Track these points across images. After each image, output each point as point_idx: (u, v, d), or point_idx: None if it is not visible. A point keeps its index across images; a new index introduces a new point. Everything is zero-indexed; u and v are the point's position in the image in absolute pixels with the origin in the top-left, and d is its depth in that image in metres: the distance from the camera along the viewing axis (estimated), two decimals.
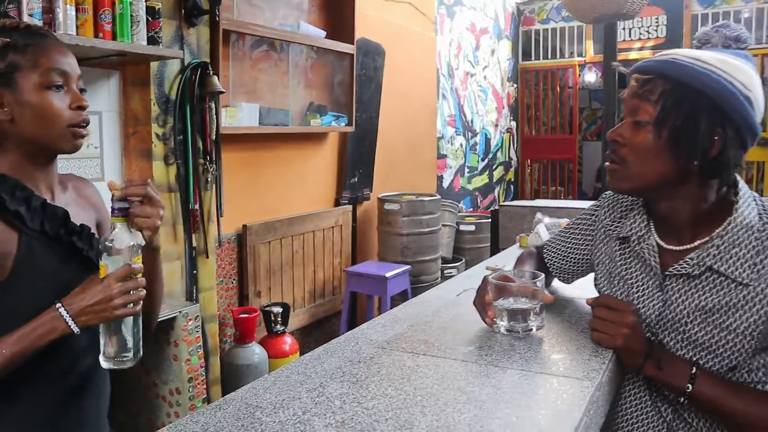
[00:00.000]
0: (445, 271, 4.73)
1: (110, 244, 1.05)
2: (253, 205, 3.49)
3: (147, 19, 2.36)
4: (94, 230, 1.22)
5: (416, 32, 5.22)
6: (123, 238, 1.06)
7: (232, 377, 3.03)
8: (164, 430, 1.04)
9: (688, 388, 1.06)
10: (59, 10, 2.07)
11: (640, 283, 1.17)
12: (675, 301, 1.11)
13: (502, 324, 1.19)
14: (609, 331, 1.10)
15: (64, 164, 2.50)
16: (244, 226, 3.37)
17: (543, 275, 1.22)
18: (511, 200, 7.54)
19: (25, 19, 1.97)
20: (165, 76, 2.69)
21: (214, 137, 2.90)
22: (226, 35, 3.09)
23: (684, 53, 1.05)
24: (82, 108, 1.11)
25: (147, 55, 2.40)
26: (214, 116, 2.89)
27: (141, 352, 1.13)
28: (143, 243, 1.10)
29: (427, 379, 0.97)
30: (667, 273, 1.12)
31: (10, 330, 1.01)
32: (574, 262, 1.38)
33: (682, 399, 1.10)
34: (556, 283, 1.53)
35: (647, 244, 1.16)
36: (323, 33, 3.81)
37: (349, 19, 3.99)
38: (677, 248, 1.12)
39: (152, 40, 2.40)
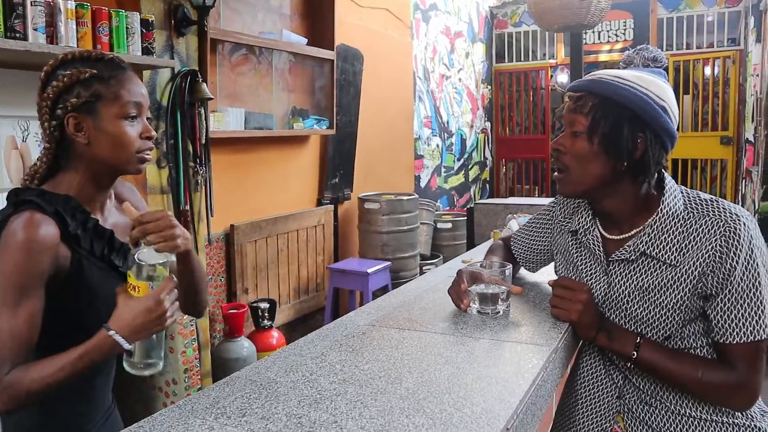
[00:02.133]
0: (423, 267, 4.93)
1: (145, 263, 1.14)
2: (240, 205, 3.64)
3: (141, 31, 2.50)
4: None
5: (393, 37, 5.40)
6: (153, 255, 1.15)
7: (222, 370, 3.18)
8: (185, 399, 1.20)
9: (633, 354, 1.25)
10: (61, 24, 2.21)
11: (589, 269, 1.36)
12: (617, 282, 1.30)
13: (474, 306, 1.38)
14: (565, 306, 1.29)
15: None
16: (232, 225, 3.52)
17: (511, 266, 1.41)
18: (487, 198, 7.77)
19: (30, 32, 2.12)
20: (157, 84, 2.83)
21: (203, 141, 3.05)
22: (213, 44, 3.24)
23: (608, 73, 1.25)
24: (150, 138, 1.24)
25: (141, 64, 2.55)
26: (204, 121, 3.04)
27: (162, 363, 1.22)
28: (172, 257, 1.20)
29: (411, 348, 1.15)
30: (610, 259, 1.31)
31: (52, 334, 1.14)
32: (537, 253, 1.57)
33: (630, 364, 1.29)
34: (523, 272, 1.72)
35: (592, 235, 1.35)
36: (305, 40, 3.98)
37: (329, 26, 4.16)
38: (618, 237, 1.31)
39: (146, 51, 2.54)
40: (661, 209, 1.24)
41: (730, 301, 1.17)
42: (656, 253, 1.23)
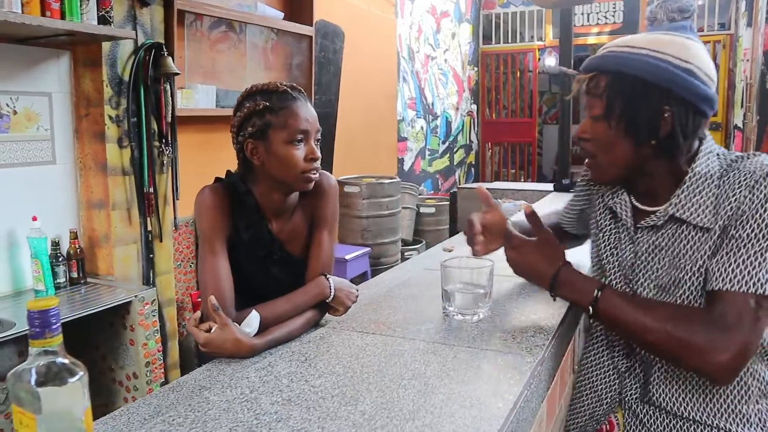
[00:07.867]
0: (405, 253, 4.77)
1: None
2: None
3: None
4: (305, 232, 1.49)
5: (376, 15, 5.19)
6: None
7: (191, 361, 3.01)
8: (117, 411, 1.05)
9: (590, 309, 1.09)
10: None
11: (616, 238, 1.22)
12: (644, 251, 1.16)
13: (450, 309, 1.22)
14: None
15: (12, 146, 2.44)
16: None
17: (492, 263, 1.24)
18: (472, 182, 7.61)
19: None
20: (117, 57, 2.63)
21: (169, 119, 2.85)
22: (181, 15, 3.03)
23: (617, 43, 1.11)
24: (314, 159, 1.37)
25: (98, 35, 2.35)
26: (170, 98, 2.85)
27: None
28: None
29: (375, 357, 0.99)
30: (638, 226, 1.17)
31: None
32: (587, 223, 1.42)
33: (591, 320, 1.18)
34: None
35: (620, 199, 1.21)
36: (281, 14, 3.77)
37: (307, 0, 3.96)
38: (651, 208, 1.17)
39: (103, 20, 2.34)
40: (691, 170, 1.10)
41: (731, 248, 1.02)
42: (687, 216, 1.09)
